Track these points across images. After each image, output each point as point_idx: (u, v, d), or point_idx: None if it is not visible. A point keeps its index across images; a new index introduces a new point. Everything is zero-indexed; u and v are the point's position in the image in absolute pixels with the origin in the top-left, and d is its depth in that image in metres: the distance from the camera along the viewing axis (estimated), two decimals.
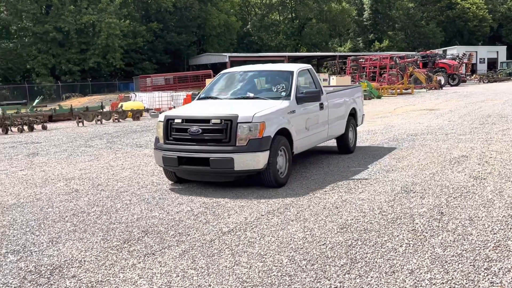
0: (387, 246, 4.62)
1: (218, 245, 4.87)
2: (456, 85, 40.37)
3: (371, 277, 3.97)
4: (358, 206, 6.02)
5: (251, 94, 8.18)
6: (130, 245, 4.97)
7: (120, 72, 57.31)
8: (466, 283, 3.80)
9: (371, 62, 43.48)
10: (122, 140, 14.04)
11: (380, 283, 3.86)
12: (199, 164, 6.97)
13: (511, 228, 4.99)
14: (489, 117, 15.42)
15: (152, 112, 23.42)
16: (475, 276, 3.91)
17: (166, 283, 4.03)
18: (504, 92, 28.60)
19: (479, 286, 3.75)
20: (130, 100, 27.72)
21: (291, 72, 8.35)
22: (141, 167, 9.36)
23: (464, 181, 7.05)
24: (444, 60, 43.51)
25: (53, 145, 13.51)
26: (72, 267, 4.44)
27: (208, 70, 45.90)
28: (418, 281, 3.86)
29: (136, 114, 21.90)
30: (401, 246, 4.61)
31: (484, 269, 4.03)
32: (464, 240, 4.69)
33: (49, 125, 20.08)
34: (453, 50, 55.55)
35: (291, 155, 7.61)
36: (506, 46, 69.24)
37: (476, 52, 59.52)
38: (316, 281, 3.95)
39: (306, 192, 6.86)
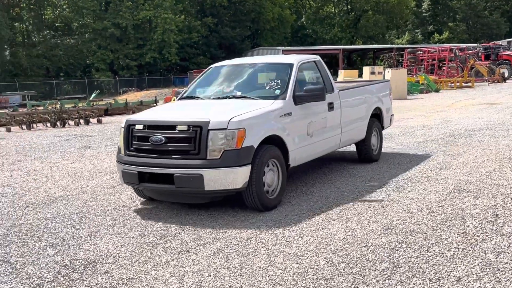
0: (434, 250, 4.31)
1: (255, 244, 4.71)
2: None
3: (414, 284, 3.69)
4: (406, 206, 5.70)
5: (238, 93, 6.65)
6: (166, 241, 4.90)
7: (176, 67, 58.29)
8: None
9: (430, 55, 41.98)
10: None
11: None
12: (163, 182, 5.54)
13: None
14: None
15: None
16: None
17: (197, 283, 3.91)
18: None
19: None
20: None
21: (290, 65, 6.83)
22: None
23: None
24: (509, 52, 41.36)
25: (105, 139, 13.80)
26: (106, 263, 4.41)
27: None
28: None
29: None
30: (449, 251, 4.28)
31: None
32: None
33: (104, 119, 20.60)
34: None
35: (286, 169, 6.15)
36: None
37: None
38: (354, 286, 3.71)
39: (352, 190, 6.58)
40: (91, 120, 19.51)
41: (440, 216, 5.24)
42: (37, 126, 18.67)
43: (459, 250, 4.28)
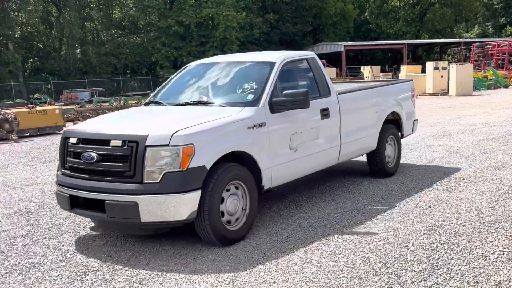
0: (476, 253, 4.17)
1: (293, 240, 4.74)
2: None
3: (450, 286, 3.59)
4: (454, 206, 5.53)
5: (205, 98, 5.60)
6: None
7: None
8: None
9: (500, 49, 40.05)
10: None
11: None
12: (96, 209, 4.56)
13: None
14: None
15: None
16: None
17: (232, 277, 3.99)
18: None
19: None
20: None
21: (271, 64, 5.64)
22: None
23: None
24: None
25: None
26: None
27: (321, 60, 45.43)
28: None
29: None
30: (493, 253, 4.13)
31: None
32: None
33: None
34: None
35: (260, 192, 5.10)
36: None
37: None
38: (387, 287, 3.66)
39: (400, 189, 6.45)
40: None
41: (489, 218, 5.06)
42: None
43: (504, 254, 4.12)
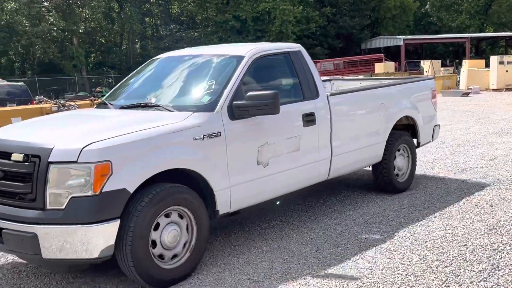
0: None
1: (348, 235, 4.70)
2: None
3: None
4: None
5: (153, 99, 4.65)
6: (262, 229, 5.06)
7: None
8: None
9: None
10: None
11: None
12: None
13: None
14: None
15: None
16: None
17: (286, 269, 4.01)
18: None
19: None
20: None
21: (238, 59, 4.61)
22: None
23: None
24: None
25: None
26: None
27: (379, 54, 44.57)
28: None
29: None
30: None
31: None
32: None
33: None
34: None
35: (210, 218, 4.09)
36: None
37: None
38: (445, 285, 3.57)
39: (460, 187, 6.24)
40: None
41: None
42: None
43: None
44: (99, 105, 5.16)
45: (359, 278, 3.76)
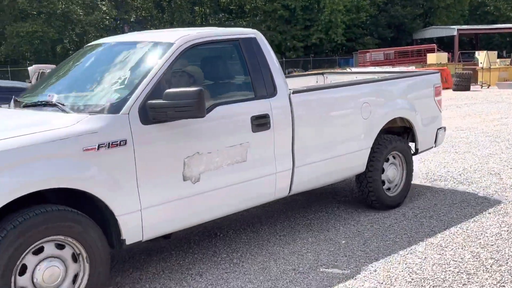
0: None
1: (396, 229, 4.57)
2: None
3: None
4: None
5: (55, 96, 3.73)
6: (307, 220, 5.01)
7: (341, 48, 57.89)
8: None
9: None
10: None
11: None
12: None
13: None
14: None
15: None
16: None
17: (332, 261, 3.94)
18: None
19: None
20: None
21: (164, 48, 3.72)
22: None
23: None
24: None
25: None
26: None
27: (432, 45, 43.24)
28: None
29: None
30: None
31: None
32: None
33: None
34: None
35: (120, 245, 3.32)
36: None
37: None
38: (500, 285, 3.41)
39: None
40: None
41: None
42: None
43: None
44: (14, 103, 4.03)
45: (408, 274, 3.65)
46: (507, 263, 3.73)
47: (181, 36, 3.78)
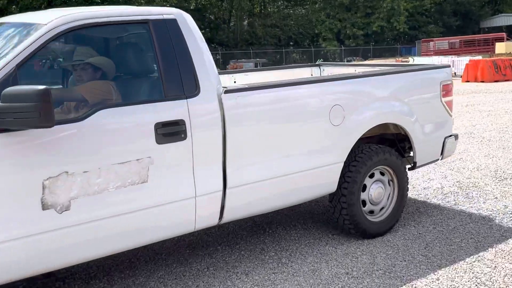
0: None
1: (462, 233, 4.17)
2: None
3: None
4: None
5: None
6: None
7: (404, 36, 56.08)
8: None
9: None
10: None
11: None
12: None
13: None
14: None
15: None
16: None
17: (390, 265, 3.61)
18: None
19: None
20: None
21: (28, 31, 2.85)
22: None
23: None
24: None
25: None
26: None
27: (501, 33, 41.05)
28: None
29: None
30: None
31: None
32: None
33: None
34: None
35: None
36: None
37: None
38: None
39: None
40: None
41: None
42: None
43: None
44: None
45: (475, 285, 3.28)
46: None
47: (59, 16, 2.88)
